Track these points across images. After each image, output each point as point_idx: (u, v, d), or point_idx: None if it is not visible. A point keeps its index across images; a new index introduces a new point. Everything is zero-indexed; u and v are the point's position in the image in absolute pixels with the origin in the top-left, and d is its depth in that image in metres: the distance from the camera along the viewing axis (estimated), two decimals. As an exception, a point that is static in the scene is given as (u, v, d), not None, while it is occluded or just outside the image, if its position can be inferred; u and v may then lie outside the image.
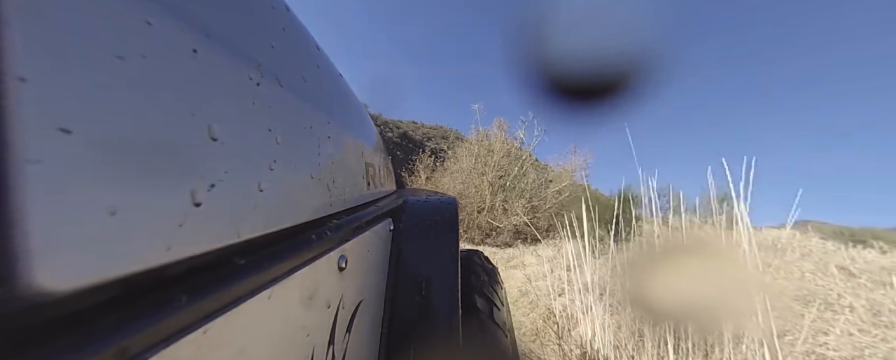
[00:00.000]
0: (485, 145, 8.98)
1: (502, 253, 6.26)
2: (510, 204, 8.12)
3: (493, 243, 7.36)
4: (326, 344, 0.40)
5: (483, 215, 7.92)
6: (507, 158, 8.75)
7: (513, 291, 3.96)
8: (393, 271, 0.68)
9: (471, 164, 8.83)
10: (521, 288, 3.99)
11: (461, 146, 9.69)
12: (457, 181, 8.77)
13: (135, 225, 0.18)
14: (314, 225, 0.41)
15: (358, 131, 0.67)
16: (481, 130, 9.36)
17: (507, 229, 7.51)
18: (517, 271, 4.91)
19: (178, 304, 0.20)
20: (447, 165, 9.54)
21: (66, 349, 0.15)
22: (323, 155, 0.45)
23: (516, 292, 3.92)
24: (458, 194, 8.43)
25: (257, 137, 0.31)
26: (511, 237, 7.46)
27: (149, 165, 0.20)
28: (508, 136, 9.15)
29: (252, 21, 0.34)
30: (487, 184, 8.34)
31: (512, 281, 4.41)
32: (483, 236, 7.59)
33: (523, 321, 3.15)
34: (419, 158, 9.52)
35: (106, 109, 0.18)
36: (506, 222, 7.65)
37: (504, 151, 8.83)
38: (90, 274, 0.16)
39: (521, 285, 4.10)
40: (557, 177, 9.04)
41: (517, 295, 3.84)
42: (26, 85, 0.14)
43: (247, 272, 0.27)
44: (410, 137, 23.52)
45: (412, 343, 0.60)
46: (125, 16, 0.19)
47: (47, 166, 0.15)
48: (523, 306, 3.56)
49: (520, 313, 3.33)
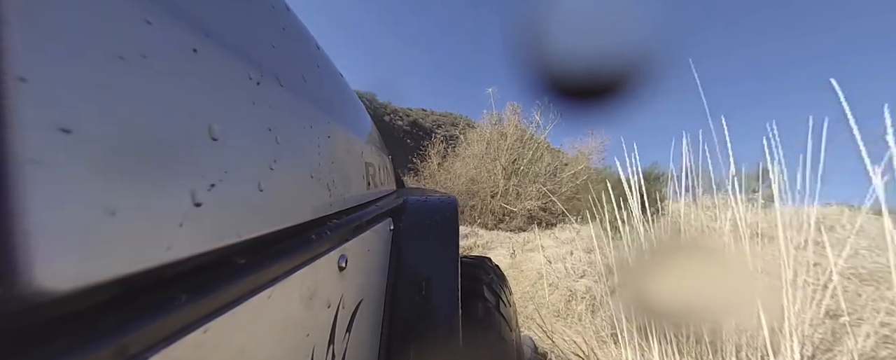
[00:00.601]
0: (498, 130, 8.84)
1: (517, 238, 6.13)
2: (524, 188, 7.98)
3: (507, 227, 7.18)
4: (326, 344, 0.40)
5: (496, 199, 7.80)
6: (521, 142, 8.60)
7: (531, 273, 3.92)
8: (393, 271, 0.68)
9: (483, 149, 8.68)
10: (540, 270, 3.92)
11: (473, 132, 9.59)
12: (469, 166, 8.64)
13: (135, 225, 0.18)
14: (314, 225, 0.41)
15: (358, 131, 0.67)
16: (495, 114, 9.20)
17: (520, 214, 7.37)
18: (535, 254, 4.77)
19: (178, 304, 0.20)
20: (459, 151, 9.42)
21: (66, 349, 0.15)
22: (323, 155, 0.45)
23: (534, 274, 3.86)
24: (470, 179, 8.32)
25: (257, 136, 0.31)
26: (525, 222, 7.32)
27: (149, 165, 0.20)
28: (522, 120, 8.97)
29: (252, 21, 0.34)
30: (501, 168, 8.21)
31: (529, 264, 4.32)
32: (496, 222, 7.44)
33: (544, 303, 3.09)
34: (431, 143, 9.43)
35: (106, 109, 0.18)
36: (519, 206, 7.51)
37: (517, 134, 8.68)
38: (90, 274, 0.16)
39: (539, 267, 4.04)
40: (573, 161, 8.88)
41: (535, 277, 3.78)
42: (26, 85, 0.14)
43: (247, 272, 0.27)
44: (420, 124, 23.40)
45: (412, 343, 0.60)
46: (125, 16, 0.19)
47: (47, 166, 0.15)
48: (543, 287, 3.48)
49: (539, 295, 3.26)
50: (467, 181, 8.41)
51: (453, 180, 8.53)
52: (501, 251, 5.07)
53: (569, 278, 3.38)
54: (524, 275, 3.94)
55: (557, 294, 3.12)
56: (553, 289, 3.28)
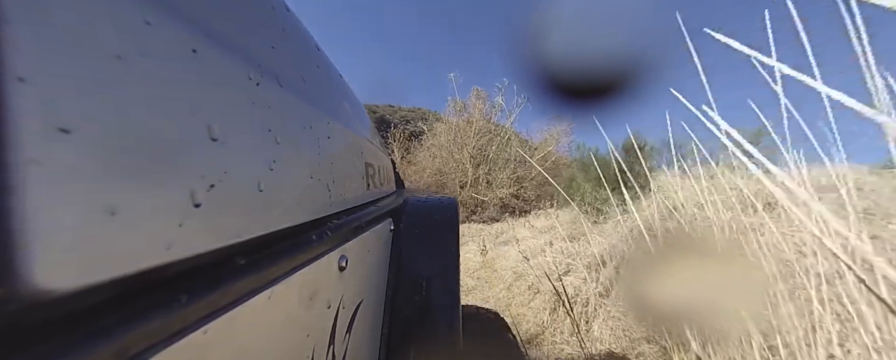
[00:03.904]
0: (463, 118, 8.60)
1: (490, 229, 5.76)
2: (494, 176, 7.77)
3: (480, 219, 7.02)
4: (326, 344, 0.40)
5: (466, 190, 7.58)
6: (489, 126, 8.39)
7: (506, 273, 3.34)
8: (393, 271, 0.68)
9: (450, 138, 8.41)
10: (516, 268, 3.30)
11: (438, 123, 9.27)
12: (435, 158, 8.37)
13: (135, 225, 0.18)
14: (314, 225, 0.41)
15: (358, 131, 0.67)
16: (459, 101, 8.91)
17: (493, 203, 7.23)
18: (509, 248, 4.11)
19: (178, 304, 0.20)
20: (423, 141, 9.11)
21: (67, 349, 0.15)
22: (323, 155, 0.45)
23: (510, 275, 3.25)
24: (437, 170, 8.07)
25: (257, 137, 0.31)
26: (498, 211, 7.17)
27: (149, 165, 0.20)
28: (487, 104, 8.73)
29: (252, 21, 0.35)
30: (468, 156, 7.95)
31: (503, 261, 3.73)
32: (468, 213, 7.25)
33: (524, 312, 2.48)
34: (392, 134, 8.92)
35: (106, 109, 0.18)
36: (491, 195, 7.34)
37: (484, 120, 8.45)
38: (90, 274, 0.16)
39: (515, 264, 3.38)
40: (542, 144, 8.69)
41: (512, 279, 3.17)
42: (26, 85, 0.14)
43: (247, 272, 0.27)
44: (388, 121, 23.24)
45: (412, 343, 0.60)
46: (125, 16, 0.19)
47: (47, 166, 0.15)
48: (521, 291, 2.86)
49: (517, 301, 2.69)
50: (434, 173, 8.10)
51: (419, 173, 8.22)
52: (471, 247, 4.43)
53: (551, 276, 2.80)
54: (498, 276, 3.37)
55: (539, 300, 2.57)
56: (533, 293, 2.73)
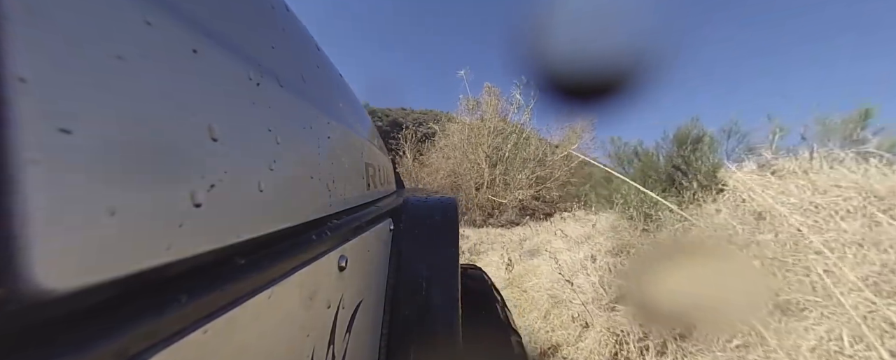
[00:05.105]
0: (477, 117, 8.14)
1: (511, 235, 5.00)
2: (512, 176, 7.24)
3: (498, 222, 6.46)
4: (326, 344, 0.40)
5: (483, 191, 7.14)
6: (503, 124, 7.92)
7: (540, 296, 2.44)
8: (393, 271, 0.68)
9: (463, 137, 7.95)
10: (552, 290, 2.42)
11: (451, 123, 8.79)
12: (448, 159, 7.94)
13: (135, 225, 0.18)
14: (314, 225, 0.41)
15: (358, 131, 0.67)
16: (472, 99, 8.38)
17: (511, 206, 6.78)
18: (539, 261, 3.09)
19: (178, 304, 0.20)
20: (436, 142, 8.69)
21: (66, 349, 0.15)
22: (323, 155, 0.45)
23: (546, 299, 2.34)
24: (451, 172, 7.70)
25: (257, 137, 0.31)
26: (517, 214, 6.68)
27: (149, 165, 0.20)
28: (502, 101, 8.17)
29: (252, 21, 0.35)
30: (484, 156, 7.50)
31: (534, 278, 2.78)
32: (485, 217, 6.76)
33: (574, 357, 1.74)
34: (403, 134, 8.42)
35: (106, 109, 0.18)
36: (509, 197, 6.86)
37: (498, 117, 7.96)
38: (90, 274, 0.16)
39: (550, 285, 2.50)
40: (563, 142, 7.97)
41: (548, 305, 2.28)
42: (26, 85, 0.14)
43: (247, 272, 0.27)
44: (400, 124, 23.30)
45: (412, 343, 0.60)
46: (125, 16, 0.19)
47: (47, 166, 0.15)
48: (564, 323, 1.98)
49: (560, 338, 1.89)
50: (448, 174, 7.70)
51: (432, 175, 7.84)
52: (493, 258, 3.64)
53: (600, 303, 2.01)
54: (529, 298, 2.56)
55: (593, 338, 1.81)
56: (580, 326, 1.96)
